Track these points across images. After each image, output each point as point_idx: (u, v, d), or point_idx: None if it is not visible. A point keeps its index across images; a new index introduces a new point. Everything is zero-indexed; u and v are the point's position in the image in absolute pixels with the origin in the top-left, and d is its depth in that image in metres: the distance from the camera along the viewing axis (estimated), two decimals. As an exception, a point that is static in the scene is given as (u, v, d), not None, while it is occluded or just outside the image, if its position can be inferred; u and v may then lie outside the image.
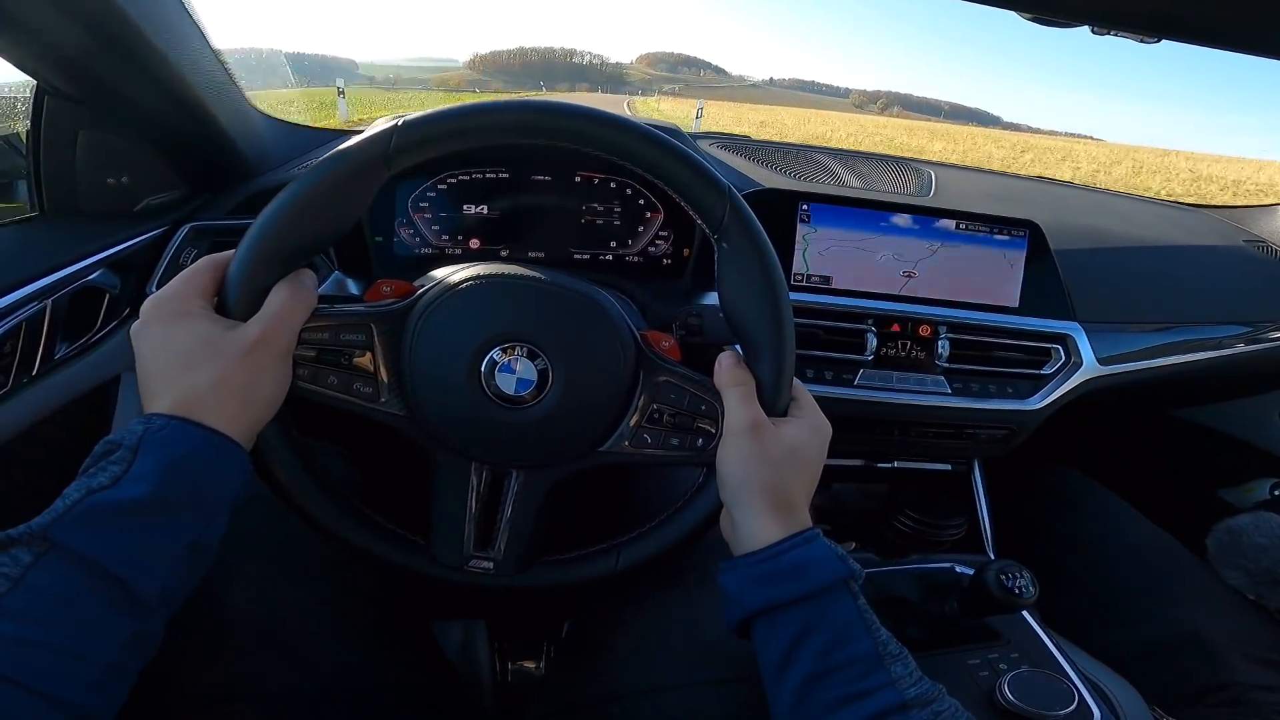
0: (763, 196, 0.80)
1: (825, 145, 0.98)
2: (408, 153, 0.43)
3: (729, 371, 0.46)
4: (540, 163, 0.82)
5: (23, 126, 0.65)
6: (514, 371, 0.47)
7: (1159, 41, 0.51)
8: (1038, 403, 0.79)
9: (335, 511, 0.49)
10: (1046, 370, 0.80)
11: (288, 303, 0.42)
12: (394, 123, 0.43)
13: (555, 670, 0.81)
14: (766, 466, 0.43)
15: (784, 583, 0.40)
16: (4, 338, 0.54)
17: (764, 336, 0.46)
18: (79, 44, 0.55)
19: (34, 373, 0.58)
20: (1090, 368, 0.79)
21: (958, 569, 0.82)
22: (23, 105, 0.61)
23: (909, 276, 0.77)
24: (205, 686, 0.51)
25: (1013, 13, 0.52)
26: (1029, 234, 0.79)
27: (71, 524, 0.33)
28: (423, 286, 0.49)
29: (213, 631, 0.52)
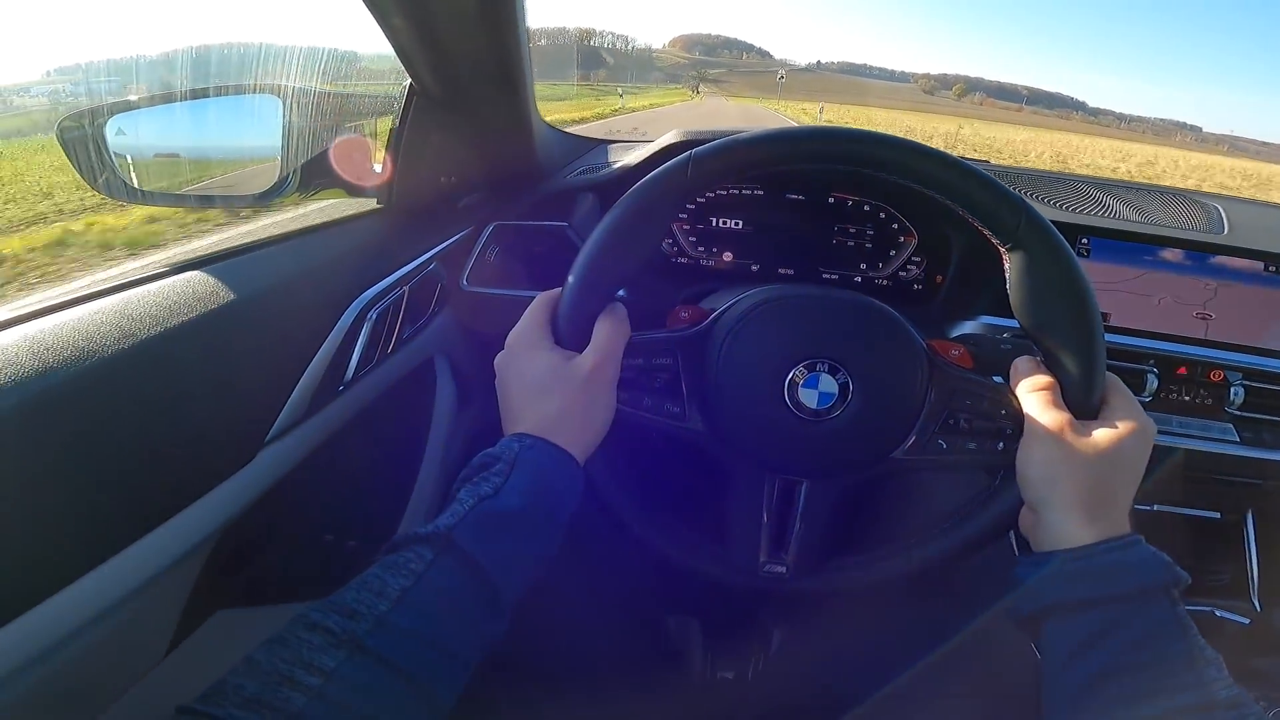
0: None
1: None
2: (702, 184, 0.47)
3: (1028, 375, 0.46)
4: (794, 182, 0.83)
5: (371, 126, 0.73)
6: (816, 387, 0.48)
7: None
8: (1342, 459, 0.73)
9: (650, 525, 0.52)
10: (1354, 427, 0.74)
11: (611, 335, 0.46)
12: (688, 156, 0.46)
13: (771, 674, 0.82)
14: (1076, 468, 0.42)
15: (1097, 581, 0.39)
16: (379, 318, 0.61)
17: (1071, 335, 0.45)
18: (466, 51, 0.62)
19: (390, 349, 0.65)
20: None
21: (1219, 614, 0.77)
22: (395, 105, 0.69)
23: (1205, 318, 0.74)
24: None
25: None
26: (1353, 280, 0.73)
27: (468, 528, 0.37)
28: (714, 310, 0.52)
29: None
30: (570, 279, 0.47)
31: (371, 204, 0.74)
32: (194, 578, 0.49)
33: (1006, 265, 0.47)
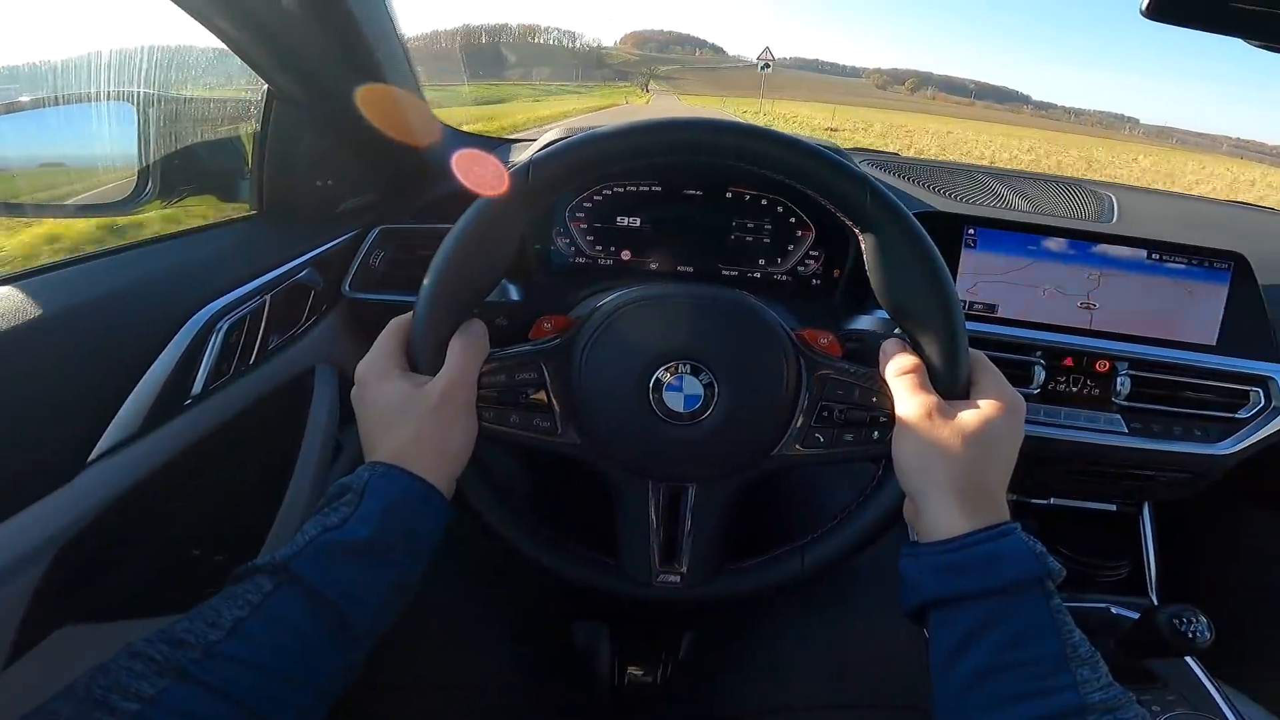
0: (923, 219, 0.78)
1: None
2: (545, 188, 0.45)
3: (894, 358, 0.45)
4: (691, 177, 0.82)
5: (246, 129, 0.72)
6: (681, 389, 0.47)
7: None
8: (1228, 448, 0.73)
9: (540, 544, 0.51)
10: (1242, 414, 0.73)
11: (464, 356, 0.45)
12: (529, 161, 0.45)
13: (680, 681, 0.82)
14: (947, 453, 0.41)
15: (970, 575, 0.38)
16: (232, 329, 0.60)
17: (929, 316, 0.45)
18: (316, 53, 0.60)
19: (251, 361, 0.64)
20: (1292, 413, 0.72)
21: (1114, 610, 0.77)
22: (255, 109, 0.67)
23: (1089, 308, 0.73)
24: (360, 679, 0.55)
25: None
26: (1233, 267, 0.73)
27: (309, 558, 0.37)
28: (580, 318, 0.51)
29: None
30: (418, 304, 0.46)
31: (245, 209, 0.72)
32: (28, 594, 0.48)
33: (863, 248, 0.46)
